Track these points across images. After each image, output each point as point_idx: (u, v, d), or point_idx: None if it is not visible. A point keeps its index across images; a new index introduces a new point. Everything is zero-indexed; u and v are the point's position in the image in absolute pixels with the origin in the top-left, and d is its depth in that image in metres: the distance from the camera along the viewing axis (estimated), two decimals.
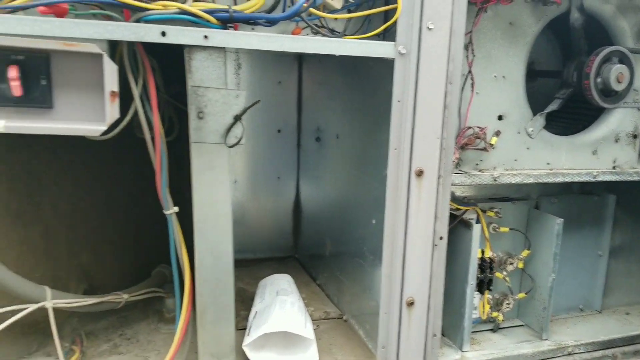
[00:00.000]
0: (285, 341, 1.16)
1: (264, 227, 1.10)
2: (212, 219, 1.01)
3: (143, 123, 0.96)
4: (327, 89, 1.41)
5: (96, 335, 1.27)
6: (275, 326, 1.13)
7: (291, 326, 1.14)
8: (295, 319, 1.17)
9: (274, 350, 1.16)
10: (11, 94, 0.82)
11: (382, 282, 1.10)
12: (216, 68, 0.94)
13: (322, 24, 1.03)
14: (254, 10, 0.94)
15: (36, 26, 0.80)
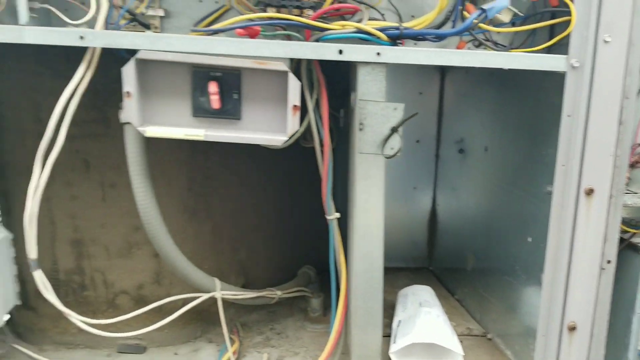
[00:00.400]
0: (429, 353, 1.17)
1: (398, 237, 1.11)
2: (366, 227, 1.05)
3: (315, 134, 1.03)
4: (473, 101, 1.39)
5: (250, 327, 1.38)
6: (423, 336, 1.14)
7: (440, 338, 1.14)
8: (443, 332, 1.17)
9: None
10: (210, 107, 0.94)
11: (541, 304, 1.05)
12: (377, 82, 0.98)
13: (486, 37, 1.03)
14: (423, 26, 0.97)
15: (233, 46, 0.90)
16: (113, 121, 1.12)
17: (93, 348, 1.27)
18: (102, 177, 1.15)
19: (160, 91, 0.95)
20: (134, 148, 0.98)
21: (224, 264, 1.34)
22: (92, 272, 1.21)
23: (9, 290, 1.08)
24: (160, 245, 1.05)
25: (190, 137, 0.95)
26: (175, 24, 1.02)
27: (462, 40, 1.04)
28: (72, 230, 1.18)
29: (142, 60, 0.90)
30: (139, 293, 1.25)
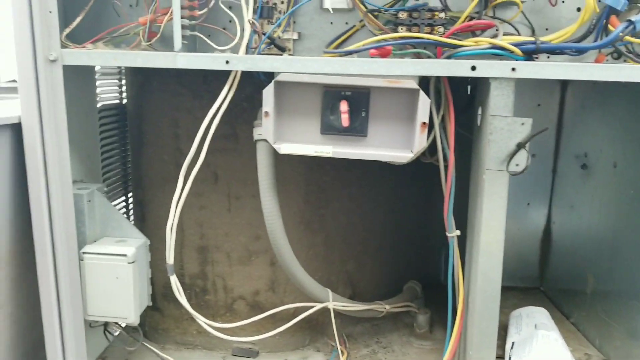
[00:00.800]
0: None
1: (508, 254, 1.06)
2: (486, 245, 1.02)
3: (440, 151, 1.03)
4: (600, 113, 1.31)
5: (355, 338, 1.40)
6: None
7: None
8: (562, 356, 1.12)
9: None
10: (339, 125, 0.97)
11: None
12: (504, 97, 0.96)
13: (628, 49, 0.97)
14: (562, 40, 0.94)
15: (366, 66, 0.93)
16: (241, 137, 1.18)
17: (210, 350, 1.34)
18: (229, 189, 1.22)
19: (292, 110, 1.00)
20: (264, 164, 1.03)
21: (333, 275, 1.36)
22: (214, 277, 1.29)
23: (145, 291, 1.17)
24: (282, 255, 1.10)
25: (319, 154, 0.99)
26: (307, 46, 1.06)
27: (601, 53, 0.99)
28: (199, 238, 1.26)
29: (279, 82, 0.94)
30: (255, 299, 1.30)
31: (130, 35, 1.02)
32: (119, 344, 1.30)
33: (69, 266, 1.04)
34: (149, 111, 1.22)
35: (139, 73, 1.22)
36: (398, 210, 1.45)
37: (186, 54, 0.93)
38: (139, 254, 1.11)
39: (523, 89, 1.46)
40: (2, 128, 0.98)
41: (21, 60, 0.96)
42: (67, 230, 1.04)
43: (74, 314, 1.07)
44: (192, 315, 1.13)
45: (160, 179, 1.23)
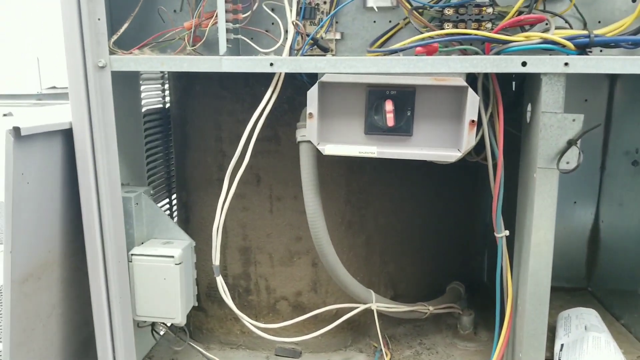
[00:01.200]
0: None
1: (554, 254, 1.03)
2: (536, 245, 0.99)
3: (488, 149, 1.01)
4: None
5: (398, 340, 1.38)
6: None
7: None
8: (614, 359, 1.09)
9: None
10: (384, 124, 0.96)
11: None
12: (555, 93, 0.93)
13: None
14: (616, 33, 0.90)
15: (412, 64, 0.91)
16: (283, 139, 1.19)
17: (253, 350, 1.35)
18: (271, 191, 1.23)
19: (335, 111, 0.99)
20: (308, 165, 1.03)
21: (374, 275, 1.36)
22: (257, 278, 1.30)
23: (190, 292, 1.19)
24: (325, 256, 1.09)
25: (363, 154, 0.98)
26: (350, 46, 1.05)
27: None
28: (242, 239, 1.27)
29: (323, 83, 0.94)
30: (297, 300, 1.30)
31: (175, 40, 1.03)
32: (165, 343, 1.33)
33: (118, 267, 1.07)
34: (192, 115, 1.24)
35: (182, 77, 1.24)
36: (439, 210, 1.43)
37: (231, 58, 0.94)
38: (185, 255, 1.13)
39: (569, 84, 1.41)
40: (54, 134, 1.01)
41: (71, 67, 0.98)
42: (117, 233, 1.06)
43: (123, 314, 1.09)
44: (238, 315, 1.14)
45: (204, 181, 1.25)
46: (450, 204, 1.44)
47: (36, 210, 0.99)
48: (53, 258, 1.05)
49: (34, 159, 0.97)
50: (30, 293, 0.99)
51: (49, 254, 1.04)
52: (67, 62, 0.99)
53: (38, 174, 0.98)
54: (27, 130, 0.94)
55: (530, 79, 0.98)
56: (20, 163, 0.94)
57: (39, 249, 1.01)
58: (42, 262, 1.02)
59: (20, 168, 0.94)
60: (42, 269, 1.02)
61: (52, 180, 1.03)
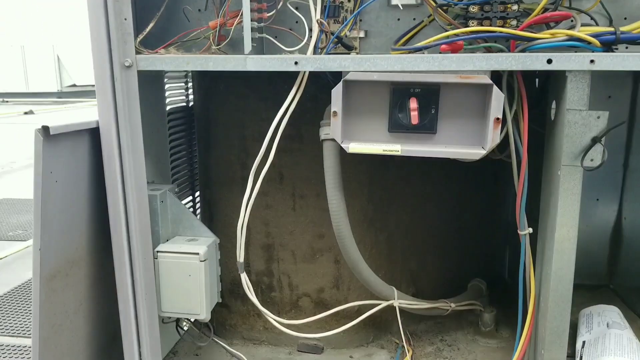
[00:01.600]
0: None
1: (576, 251, 1.03)
2: (559, 243, 0.99)
3: (512, 147, 1.00)
4: None
5: (419, 336, 1.39)
6: None
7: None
8: (637, 356, 1.08)
9: None
10: (408, 122, 0.96)
11: None
12: (580, 90, 0.92)
13: None
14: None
15: (436, 62, 0.91)
16: (306, 137, 1.19)
17: (276, 345, 1.37)
18: (294, 189, 1.24)
19: (359, 109, 1.00)
20: (331, 163, 1.04)
21: (396, 272, 1.36)
22: (280, 274, 1.31)
23: (215, 289, 1.21)
24: (348, 253, 1.10)
25: (388, 152, 0.98)
26: (373, 44, 1.06)
27: None
28: (265, 236, 1.28)
29: (347, 81, 0.94)
30: (319, 296, 1.31)
31: (200, 40, 1.04)
32: (188, 339, 1.34)
33: (144, 264, 1.09)
34: (215, 113, 1.25)
35: (206, 76, 1.25)
36: (461, 208, 1.43)
37: (256, 57, 0.95)
38: (210, 252, 1.15)
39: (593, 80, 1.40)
40: (81, 133, 1.03)
41: (98, 67, 1.00)
42: (143, 230, 1.08)
43: (149, 310, 1.11)
44: (262, 312, 1.15)
45: (228, 180, 1.26)
46: (472, 202, 1.44)
47: (64, 208, 1.01)
48: (80, 255, 1.07)
49: (62, 158, 0.99)
50: (58, 289, 1.01)
51: (76, 251, 1.06)
52: (94, 62, 1.00)
53: (66, 173, 1.00)
54: (56, 129, 0.96)
55: (555, 77, 0.97)
56: (49, 162, 0.95)
57: (67, 246, 1.03)
58: (70, 259, 1.04)
59: (49, 166, 0.96)
60: (69, 266, 1.04)
61: (80, 179, 1.05)
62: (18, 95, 12.32)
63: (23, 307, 2.16)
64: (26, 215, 3.48)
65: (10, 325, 1.99)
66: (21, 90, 12.24)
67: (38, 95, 12.20)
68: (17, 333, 1.93)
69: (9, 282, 2.41)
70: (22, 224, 3.29)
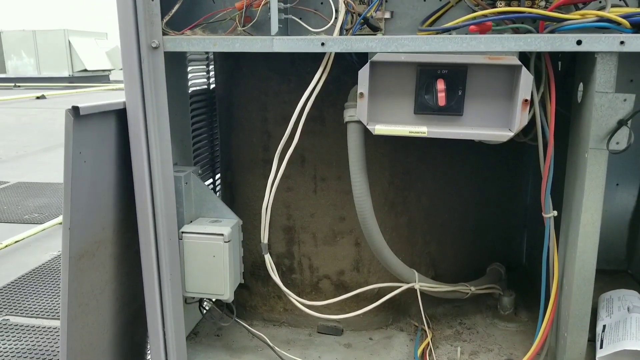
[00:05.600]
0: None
1: None
2: (584, 226, 0.99)
3: (539, 129, 1.00)
4: None
5: (438, 319, 1.40)
6: (637, 344, 1.06)
7: None
8: None
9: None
10: (435, 104, 0.96)
11: None
12: (607, 72, 0.92)
13: None
14: None
15: (465, 43, 0.90)
16: (328, 120, 1.20)
17: (296, 327, 1.39)
18: (315, 171, 1.24)
19: (385, 91, 0.99)
20: (356, 145, 1.04)
21: (416, 256, 1.37)
22: (300, 257, 1.32)
23: (238, 270, 1.22)
24: (371, 236, 1.11)
25: (414, 134, 0.98)
26: (399, 25, 1.05)
27: None
28: (286, 218, 1.29)
29: (374, 63, 0.94)
30: (340, 279, 1.33)
31: (226, 21, 1.04)
32: (210, 319, 1.36)
33: (169, 245, 1.10)
34: (238, 96, 1.26)
35: (229, 58, 1.25)
36: (480, 192, 1.43)
37: (282, 38, 0.95)
38: (234, 233, 1.16)
39: None
40: (109, 114, 1.04)
41: (125, 48, 1.00)
42: (168, 211, 1.09)
43: (173, 290, 1.13)
44: (284, 292, 1.16)
45: (249, 162, 1.27)
46: (491, 186, 1.44)
47: (92, 189, 1.02)
48: (106, 235, 1.09)
49: (91, 139, 1.00)
50: (85, 269, 1.03)
51: (103, 231, 1.07)
52: (121, 43, 1.00)
53: (94, 153, 1.01)
54: (85, 110, 0.96)
55: (583, 58, 0.96)
56: (79, 142, 0.96)
57: (94, 226, 1.04)
58: (97, 239, 1.06)
59: (78, 147, 0.97)
60: (96, 246, 1.06)
61: (107, 160, 1.06)
62: (30, 80, 12.42)
63: (41, 289, 2.20)
64: (42, 199, 3.54)
65: (30, 307, 2.03)
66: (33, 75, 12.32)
67: (50, 80, 12.26)
68: (36, 314, 1.97)
69: (27, 264, 2.46)
70: (38, 207, 3.34)
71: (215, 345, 1.29)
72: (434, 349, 1.26)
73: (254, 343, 1.29)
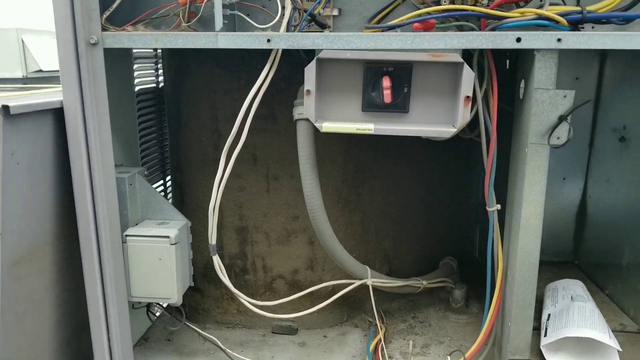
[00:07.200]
0: (581, 347, 1.13)
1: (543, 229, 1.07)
2: (526, 219, 1.02)
3: (482, 125, 1.02)
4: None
5: (392, 314, 1.41)
6: (578, 331, 1.10)
7: (595, 333, 1.09)
8: (598, 327, 1.13)
9: (571, 355, 1.14)
10: (381, 101, 0.96)
11: None
12: (547, 69, 0.94)
13: None
14: (609, 9, 0.92)
15: (409, 41, 0.91)
16: (279, 118, 1.18)
17: (250, 328, 1.37)
18: (267, 170, 1.23)
19: (332, 88, 0.99)
20: (305, 143, 1.03)
21: (370, 252, 1.37)
22: (254, 257, 1.30)
23: (187, 272, 1.19)
24: (322, 234, 1.10)
25: (361, 131, 0.98)
26: (347, 22, 1.05)
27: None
28: (238, 219, 1.27)
29: (321, 60, 0.93)
30: (294, 278, 1.32)
31: (169, 17, 1.01)
32: (160, 324, 1.33)
33: (112, 249, 1.06)
34: (186, 94, 1.22)
35: (176, 55, 1.22)
36: (434, 188, 1.45)
37: (227, 34, 0.92)
38: (181, 235, 1.13)
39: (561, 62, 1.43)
40: (44, 113, 0.99)
41: (62, 44, 0.95)
42: (110, 214, 1.05)
43: (117, 295, 1.09)
44: (234, 293, 1.14)
45: (199, 162, 1.24)
46: (445, 181, 1.46)
47: (27, 192, 0.97)
48: (45, 240, 1.03)
49: (25, 139, 0.95)
50: (22, 276, 0.98)
51: (40, 236, 1.02)
52: (58, 39, 0.96)
53: (29, 155, 0.96)
54: (17, 109, 0.91)
55: (524, 56, 0.99)
56: (10, 142, 0.91)
57: (31, 231, 0.99)
58: (34, 244, 1.00)
59: (10, 148, 0.92)
60: (34, 252, 1.00)
61: (44, 161, 1.01)
62: None
63: None
64: None
65: None
66: None
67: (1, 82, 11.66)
68: None
69: None
70: None
71: (166, 350, 1.26)
72: (387, 344, 1.27)
73: (206, 346, 1.26)
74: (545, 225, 0.98)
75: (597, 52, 1.46)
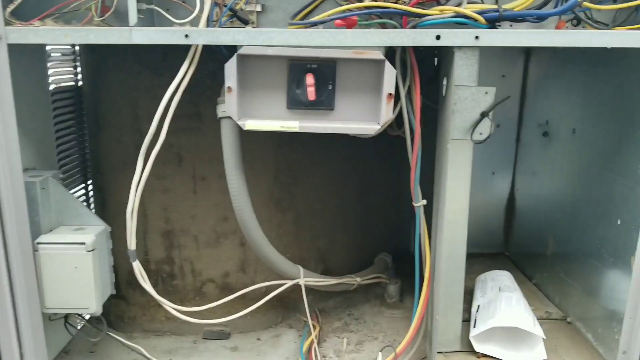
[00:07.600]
0: (509, 337, 1.17)
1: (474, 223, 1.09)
2: (451, 213, 1.04)
3: (406, 122, 1.03)
4: (560, 82, 1.35)
5: (328, 313, 1.40)
6: (504, 321, 1.14)
7: (520, 322, 1.13)
8: (524, 316, 1.17)
9: (500, 345, 1.17)
10: (306, 98, 0.95)
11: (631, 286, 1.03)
12: (469, 67, 0.96)
13: (587, 15, 0.99)
14: (523, 7, 0.95)
15: (331, 37, 0.90)
16: (205, 116, 1.14)
17: (180, 335, 1.32)
18: (194, 171, 1.18)
19: (256, 85, 0.96)
20: (229, 141, 1.00)
21: (305, 251, 1.36)
22: (182, 261, 1.25)
23: (107, 280, 1.12)
24: (251, 235, 1.08)
25: (285, 129, 0.96)
26: (272, 18, 1.03)
27: (561, 20, 1.00)
28: (164, 222, 1.22)
29: (242, 56, 0.91)
30: (225, 281, 1.28)
31: (81, 11, 0.95)
32: (83, 336, 1.25)
33: (22, 258, 0.98)
34: (106, 92, 1.16)
35: (94, 52, 1.15)
36: (368, 185, 1.45)
37: (142, 29, 0.88)
38: (99, 241, 1.06)
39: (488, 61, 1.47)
40: None
41: None
42: (19, 221, 0.97)
43: (29, 307, 1.01)
44: (158, 300, 1.09)
45: (120, 163, 1.18)
46: (378, 178, 1.47)
47: None
48: None
49: None
50: None
51: None
52: None
53: None
54: None
55: (445, 53, 1.00)
56: None
57: None
58: None
59: None
60: None
61: None
62: None
63: None
64: None
65: None
66: None
67: None
68: None
69: None
70: None
71: None
72: (321, 343, 1.26)
73: (131, 356, 1.20)
74: (476, 218, 1.00)
75: (522, 50, 1.52)
